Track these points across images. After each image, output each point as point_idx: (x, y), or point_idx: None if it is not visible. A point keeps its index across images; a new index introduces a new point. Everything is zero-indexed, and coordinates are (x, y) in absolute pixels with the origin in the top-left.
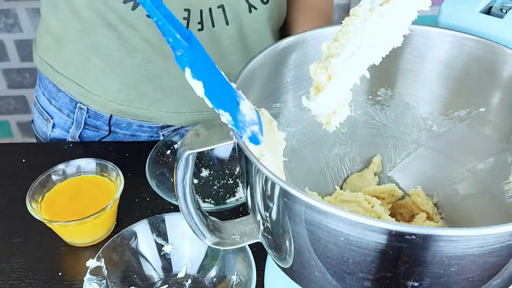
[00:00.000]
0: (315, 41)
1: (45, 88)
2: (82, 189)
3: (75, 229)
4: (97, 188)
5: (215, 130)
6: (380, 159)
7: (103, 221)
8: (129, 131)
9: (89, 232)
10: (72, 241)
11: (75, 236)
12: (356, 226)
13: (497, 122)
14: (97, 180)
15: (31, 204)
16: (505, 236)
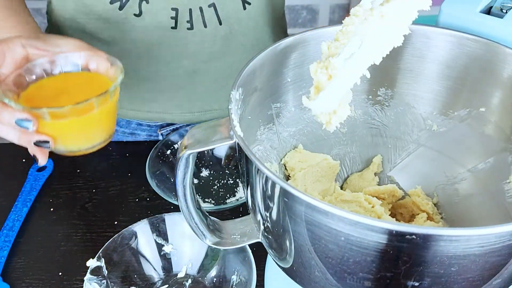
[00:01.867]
0: (315, 41)
1: None
2: (69, 87)
3: (73, 124)
4: (88, 84)
5: (215, 130)
6: (380, 159)
7: (105, 115)
8: (128, 129)
9: (88, 129)
10: (66, 146)
11: (71, 137)
12: (356, 226)
13: (497, 122)
14: (85, 76)
15: (6, 95)
16: (506, 236)
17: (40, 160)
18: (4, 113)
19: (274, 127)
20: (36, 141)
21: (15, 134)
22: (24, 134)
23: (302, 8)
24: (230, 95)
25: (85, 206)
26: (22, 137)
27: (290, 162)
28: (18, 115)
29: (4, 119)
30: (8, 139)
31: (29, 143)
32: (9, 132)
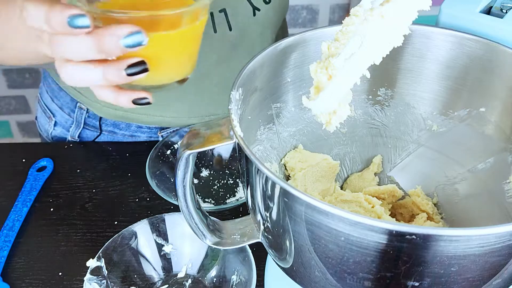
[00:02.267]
0: (315, 41)
1: (48, 86)
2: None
3: (168, 41)
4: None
5: (215, 130)
6: (380, 159)
7: (197, 35)
8: (128, 131)
9: (182, 51)
10: (154, 76)
11: (164, 61)
12: (356, 226)
13: (497, 122)
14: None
15: None
16: (506, 236)
17: (143, 94)
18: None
19: (274, 127)
20: (131, 65)
21: (100, 71)
22: (111, 66)
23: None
24: (230, 95)
25: (85, 206)
26: (109, 68)
27: (290, 162)
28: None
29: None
30: (89, 80)
31: (118, 70)
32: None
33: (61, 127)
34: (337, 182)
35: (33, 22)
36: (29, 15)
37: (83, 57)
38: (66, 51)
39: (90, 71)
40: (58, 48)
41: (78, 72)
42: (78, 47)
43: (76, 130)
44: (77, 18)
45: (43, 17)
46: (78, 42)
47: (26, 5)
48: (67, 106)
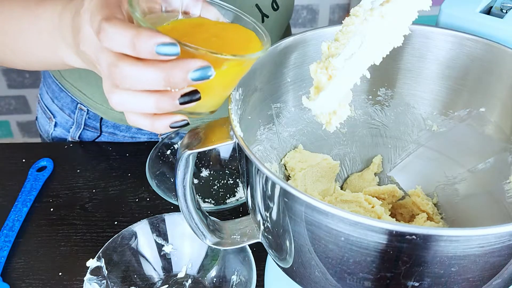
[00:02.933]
0: (315, 41)
1: (49, 87)
2: (214, 33)
3: (223, 77)
4: (230, 32)
5: (215, 130)
6: (380, 159)
7: (243, 73)
8: (129, 133)
9: (228, 86)
10: (201, 105)
11: (212, 93)
12: (356, 226)
13: (497, 122)
14: (228, 26)
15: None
16: (505, 236)
17: (181, 117)
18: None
19: (274, 127)
20: (184, 94)
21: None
22: (166, 95)
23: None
24: (230, 95)
25: (85, 206)
26: (163, 97)
27: (290, 162)
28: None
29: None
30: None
31: (173, 99)
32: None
33: (61, 128)
34: (337, 182)
35: (111, 45)
36: (108, 39)
37: (145, 87)
38: (130, 79)
39: (145, 100)
40: (121, 76)
41: (132, 100)
42: (145, 77)
43: (76, 131)
44: (166, 46)
45: (128, 42)
46: (146, 72)
47: (104, 26)
48: (68, 107)
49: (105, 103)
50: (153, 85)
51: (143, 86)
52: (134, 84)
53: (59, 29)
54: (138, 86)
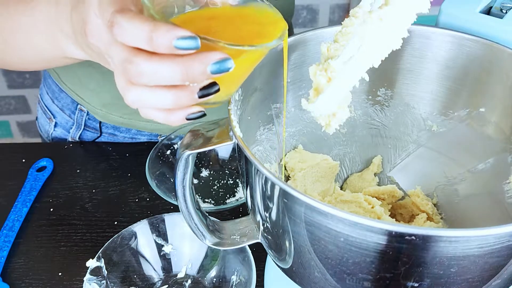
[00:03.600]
0: (315, 41)
1: (49, 88)
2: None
3: (241, 67)
4: (246, 18)
5: (214, 131)
6: (380, 159)
7: (258, 61)
8: (129, 134)
9: (243, 75)
10: (218, 94)
11: (229, 82)
12: (356, 226)
13: (497, 122)
14: (242, 12)
15: None
16: (505, 237)
17: (198, 108)
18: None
19: (274, 127)
20: (203, 88)
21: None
22: (185, 90)
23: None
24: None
25: (85, 206)
26: (182, 92)
27: (290, 163)
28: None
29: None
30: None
31: (192, 94)
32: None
33: (61, 128)
34: (337, 183)
35: (127, 39)
36: (123, 33)
37: (163, 82)
38: (146, 75)
39: (163, 96)
40: (136, 72)
41: (149, 97)
42: (162, 73)
43: (76, 131)
44: (186, 40)
45: (145, 36)
46: (163, 67)
47: (119, 19)
48: (68, 107)
49: (104, 107)
50: (171, 80)
51: (160, 82)
52: (150, 80)
53: (56, 19)
54: (154, 82)
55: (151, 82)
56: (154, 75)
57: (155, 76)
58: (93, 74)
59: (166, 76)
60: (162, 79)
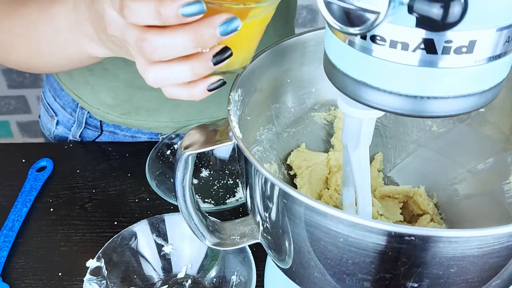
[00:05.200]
0: (315, 41)
1: (51, 86)
2: None
3: (248, 29)
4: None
5: (214, 131)
6: (381, 156)
7: (266, 23)
8: (129, 132)
9: (255, 38)
10: (232, 61)
11: (240, 47)
12: (355, 227)
13: (497, 122)
14: None
15: None
16: (504, 237)
17: (217, 77)
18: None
19: (274, 127)
20: (216, 54)
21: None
22: (199, 58)
23: (302, 8)
24: (229, 96)
25: (85, 206)
26: (197, 61)
27: (296, 161)
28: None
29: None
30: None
31: (206, 61)
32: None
33: (63, 126)
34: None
35: (138, 19)
36: (133, 13)
37: (177, 53)
38: (160, 49)
39: (180, 69)
40: (151, 48)
41: (167, 72)
42: (174, 43)
43: (77, 129)
44: (191, 5)
45: (152, 12)
46: (174, 38)
47: (126, 2)
48: (69, 105)
49: (101, 107)
50: (184, 49)
51: (175, 53)
52: (165, 53)
53: (77, 24)
54: (170, 55)
55: (167, 55)
56: (168, 47)
57: (169, 48)
58: (90, 74)
59: (179, 45)
60: (175, 50)
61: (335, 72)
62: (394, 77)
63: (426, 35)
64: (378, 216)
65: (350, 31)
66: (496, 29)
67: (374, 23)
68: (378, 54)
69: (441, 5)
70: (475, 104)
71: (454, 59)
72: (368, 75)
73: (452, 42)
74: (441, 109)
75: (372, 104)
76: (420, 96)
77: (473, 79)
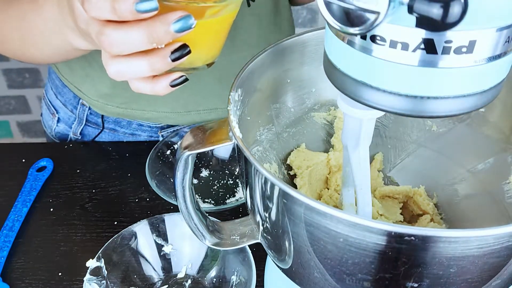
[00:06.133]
0: (314, 41)
1: (53, 83)
2: None
3: (206, 27)
4: None
5: (214, 131)
6: (381, 156)
7: (228, 23)
8: (129, 129)
9: (216, 36)
10: (190, 58)
11: (199, 44)
12: (355, 227)
13: (497, 122)
14: None
15: None
16: (504, 238)
17: (179, 74)
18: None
19: (274, 127)
20: (174, 50)
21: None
22: (156, 54)
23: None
24: (229, 96)
25: (85, 206)
26: (154, 56)
27: (296, 161)
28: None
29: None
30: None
31: (164, 57)
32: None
33: (63, 123)
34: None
35: (96, 13)
36: (92, 7)
37: (134, 48)
38: (117, 43)
39: (138, 63)
40: (108, 42)
41: (126, 66)
42: (130, 38)
43: (78, 126)
44: (145, 2)
45: (108, 6)
46: (130, 33)
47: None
48: (70, 102)
49: (101, 98)
50: (140, 45)
51: (132, 49)
52: (122, 47)
53: (60, 15)
54: (127, 50)
55: (124, 50)
56: (125, 42)
57: (125, 43)
58: (88, 65)
59: (135, 40)
60: (132, 45)
61: (335, 72)
62: (394, 77)
63: (426, 35)
64: (378, 216)
65: (350, 31)
66: (496, 29)
67: (374, 23)
68: (378, 54)
69: (441, 5)
70: (475, 104)
71: (454, 59)
72: (368, 75)
73: (452, 42)
74: (441, 109)
75: (372, 104)
76: (420, 96)
77: (473, 79)
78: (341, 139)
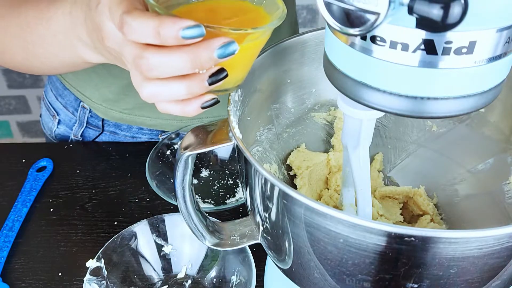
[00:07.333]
0: (314, 41)
1: (53, 85)
2: (221, 10)
3: (244, 52)
4: (242, 12)
5: (214, 131)
6: (381, 156)
7: (261, 46)
8: (130, 132)
9: (249, 61)
10: (226, 81)
11: (235, 68)
12: (355, 228)
13: (497, 123)
14: (237, 4)
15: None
16: (504, 238)
17: (210, 96)
18: (170, 28)
19: (274, 128)
20: (212, 74)
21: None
22: (195, 78)
23: (302, 8)
24: (229, 96)
25: (85, 207)
26: (193, 80)
27: (296, 161)
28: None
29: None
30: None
31: (202, 81)
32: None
33: (64, 125)
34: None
35: (137, 37)
36: (133, 32)
37: (174, 72)
38: (157, 67)
39: (176, 87)
40: (147, 65)
41: (163, 89)
42: (172, 63)
43: (79, 129)
44: (191, 29)
45: (152, 32)
46: (172, 58)
47: (127, 19)
48: (71, 105)
49: (104, 103)
50: (181, 70)
51: (172, 72)
52: (162, 72)
53: (72, 29)
54: (166, 73)
55: (163, 74)
56: (165, 66)
57: (166, 67)
58: (93, 70)
59: (176, 65)
60: (172, 69)
61: (335, 72)
62: (394, 77)
63: (426, 35)
64: (378, 216)
65: (350, 32)
66: (496, 30)
67: (374, 24)
68: (378, 54)
69: (441, 6)
70: (475, 105)
71: (454, 59)
72: (368, 76)
73: (452, 43)
74: (441, 110)
75: (372, 104)
76: (420, 97)
77: (473, 79)
78: (341, 139)
